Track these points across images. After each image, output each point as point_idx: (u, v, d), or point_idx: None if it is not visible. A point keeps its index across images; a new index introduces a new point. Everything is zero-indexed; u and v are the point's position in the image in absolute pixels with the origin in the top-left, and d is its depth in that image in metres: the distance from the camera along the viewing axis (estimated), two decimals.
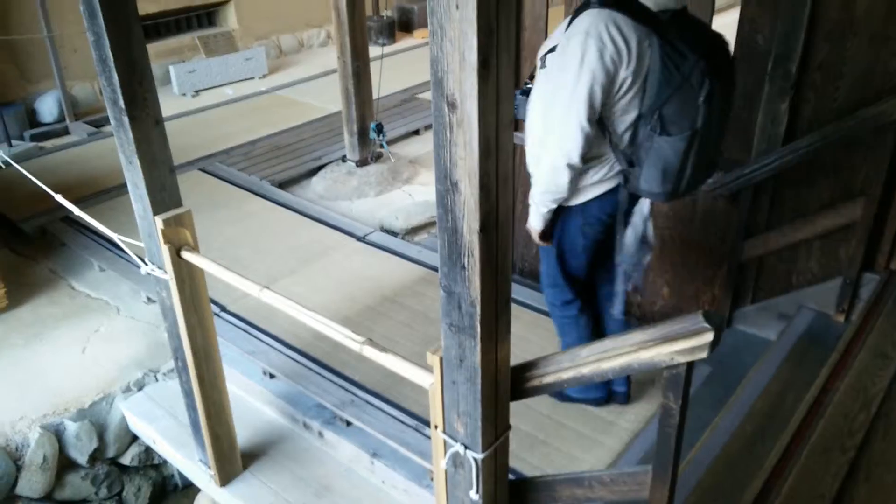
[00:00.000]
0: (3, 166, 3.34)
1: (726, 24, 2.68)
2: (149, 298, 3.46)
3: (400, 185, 4.63)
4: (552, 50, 2.02)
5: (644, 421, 2.55)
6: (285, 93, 6.41)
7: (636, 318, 3.16)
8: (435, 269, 3.51)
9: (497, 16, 1.01)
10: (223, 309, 3.20)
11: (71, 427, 2.79)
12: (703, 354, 1.13)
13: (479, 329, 1.25)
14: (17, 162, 3.17)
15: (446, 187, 1.18)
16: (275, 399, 2.81)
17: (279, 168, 4.79)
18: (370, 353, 1.60)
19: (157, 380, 3.05)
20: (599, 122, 1.98)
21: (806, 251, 2.71)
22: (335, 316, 1.80)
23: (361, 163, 4.65)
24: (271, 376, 2.87)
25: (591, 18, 1.89)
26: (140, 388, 3.00)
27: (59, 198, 2.71)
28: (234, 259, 3.55)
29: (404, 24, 8.24)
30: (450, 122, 1.11)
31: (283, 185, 4.62)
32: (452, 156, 1.13)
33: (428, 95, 6.04)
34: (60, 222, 4.09)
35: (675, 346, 1.15)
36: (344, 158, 4.73)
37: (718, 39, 1.99)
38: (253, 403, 2.88)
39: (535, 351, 2.63)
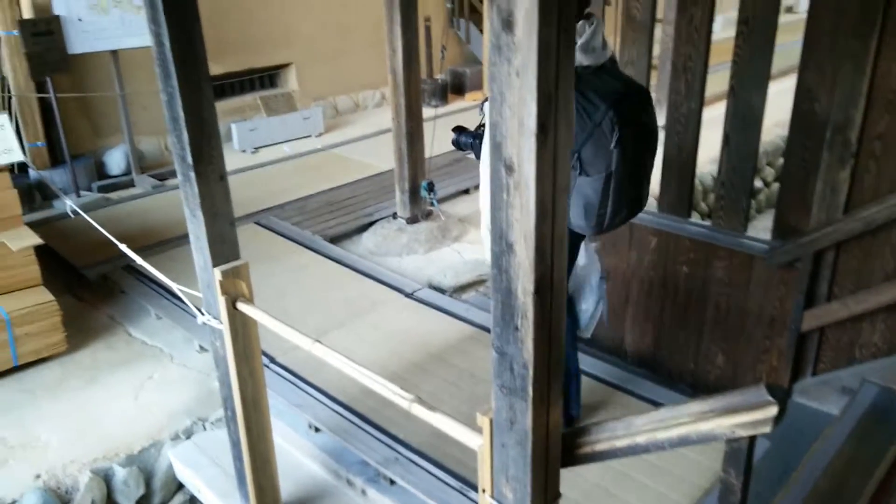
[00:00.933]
0: (72, 215, 3.50)
1: (783, 90, 2.67)
2: (201, 347, 3.53)
3: (449, 243, 4.67)
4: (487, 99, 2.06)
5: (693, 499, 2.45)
6: (340, 151, 6.60)
7: (688, 385, 3.08)
8: (483, 328, 3.50)
9: (556, 83, 1.04)
10: (272, 360, 3.23)
11: (120, 472, 2.83)
12: (767, 429, 1.10)
13: (531, 392, 1.24)
14: (84, 211, 3.33)
15: (501, 248, 1.19)
16: (319, 453, 2.80)
17: (332, 223, 4.89)
18: (419, 411, 1.60)
19: (205, 428, 3.08)
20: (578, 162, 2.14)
21: (870, 323, 2.61)
22: (382, 371, 1.80)
23: (412, 220, 4.71)
24: (317, 430, 2.87)
25: None
26: (188, 437, 3.03)
27: (122, 247, 2.83)
28: (284, 310, 3.61)
29: (457, 86, 8.46)
30: (507, 184, 1.13)
31: (334, 240, 4.71)
32: (508, 217, 1.15)
33: None
34: (121, 270, 4.24)
35: (737, 418, 1.12)
36: (395, 215, 4.81)
37: (633, 89, 2.17)
38: (297, 456, 2.88)
39: None
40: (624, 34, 2.92)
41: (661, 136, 3.04)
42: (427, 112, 4.80)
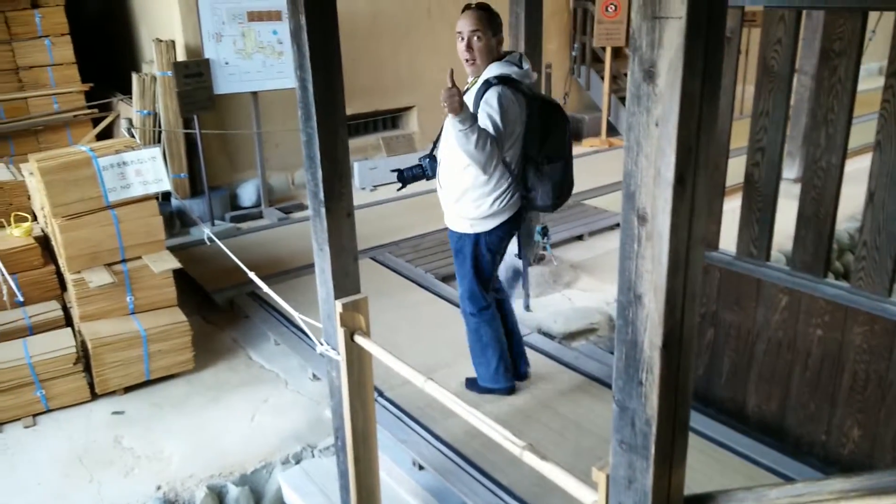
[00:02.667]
0: (208, 242, 3.76)
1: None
2: (314, 375, 3.65)
3: (560, 289, 4.61)
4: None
5: None
6: None
7: (818, 458, 2.84)
8: (593, 377, 3.41)
9: (698, 134, 1.02)
10: (380, 394, 3.29)
11: (233, 491, 2.95)
12: None
13: (653, 450, 1.18)
14: (218, 240, 3.57)
15: (629, 299, 1.16)
16: (422, 491, 2.80)
17: (443, 262, 4.96)
18: (530, 459, 1.57)
19: (313, 455, 3.16)
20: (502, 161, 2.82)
21: None
22: (485, 415, 1.79)
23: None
24: (420, 467, 2.88)
25: (496, 90, 2.77)
26: (297, 462, 3.12)
27: (251, 275, 3.00)
28: (393, 345, 3.62)
29: (574, 132, 8.42)
30: (639, 234, 1.11)
31: (445, 279, 4.77)
32: (638, 268, 1.13)
33: (594, 202, 6.07)
34: (247, 296, 4.48)
35: (885, 501, 1.02)
36: None
37: (555, 102, 2.97)
38: (400, 493, 2.89)
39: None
40: (760, 84, 2.82)
41: (797, 189, 2.89)
42: None
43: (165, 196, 5.55)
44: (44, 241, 3.85)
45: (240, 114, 6.19)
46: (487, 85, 2.79)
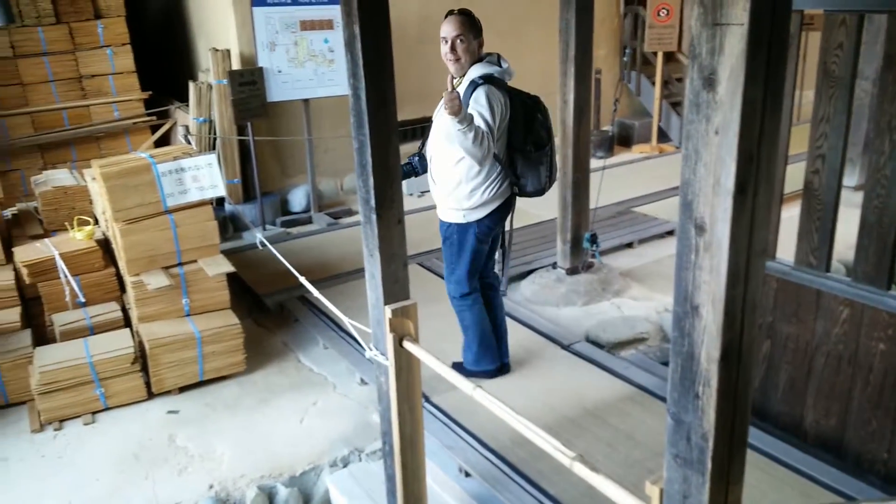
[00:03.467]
0: (260, 247, 3.84)
1: None
2: (362, 380, 3.68)
3: (609, 297, 4.55)
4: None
5: None
6: None
7: (879, 476, 2.73)
8: (643, 388, 3.35)
9: (759, 143, 1.00)
10: (427, 399, 3.30)
11: (282, 492, 3.00)
12: None
13: (709, 465, 1.16)
14: (268, 244, 3.64)
15: (685, 310, 1.14)
16: (468, 498, 2.80)
17: None
18: (580, 470, 1.55)
19: (360, 459, 3.19)
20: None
21: None
22: (533, 423, 1.77)
23: (572, 271, 4.66)
24: (467, 474, 2.88)
25: (483, 89, 3.02)
26: (345, 465, 3.15)
27: (303, 279, 3.05)
28: (440, 351, 3.63)
29: (624, 138, 8.34)
30: (696, 244, 1.09)
31: None
32: (696, 279, 1.10)
33: (644, 209, 5.98)
34: (296, 300, 4.56)
35: None
36: (554, 265, 4.78)
37: (535, 96, 3.27)
38: (446, 499, 2.89)
39: None
40: (820, 90, 2.74)
41: (858, 197, 2.79)
42: (593, 163, 4.77)
43: (219, 201, 5.69)
44: (105, 245, 3.99)
45: (291, 120, 6.31)
46: (474, 85, 3.04)
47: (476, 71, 3.09)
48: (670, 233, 5.52)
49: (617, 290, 4.63)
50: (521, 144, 3.15)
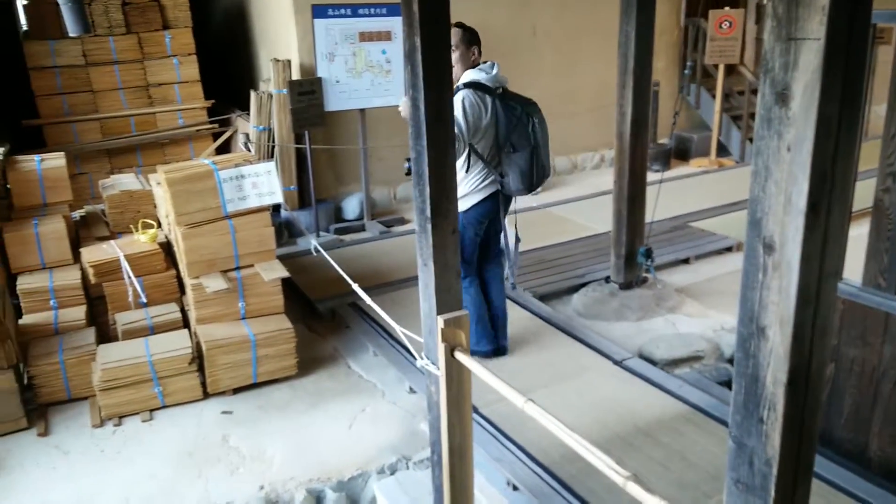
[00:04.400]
0: (314, 253, 3.90)
1: None
2: (411, 388, 3.70)
3: (663, 314, 4.46)
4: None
5: None
6: (555, 210, 6.67)
7: None
8: (698, 408, 3.27)
9: (834, 161, 0.96)
10: (476, 410, 3.28)
11: (330, 496, 3.03)
12: None
13: (773, 492, 1.12)
14: (322, 251, 3.70)
15: (751, 331, 1.11)
16: None
17: (542, 281, 4.92)
18: (634, 490, 1.52)
19: (408, 467, 3.20)
20: (473, 150, 3.45)
21: None
22: (583, 438, 1.74)
23: (625, 285, 4.59)
24: (515, 488, 2.85)
25: (461, 93, 3.41)
26: (392, 473, 3.16)
27: (355, 286, 3.08)
28: (490, 363, 3.67)
29: (681, 152, 8.19)
30: (764, 263, 1.06)
31: (543, 298, 4.72)
32: (763, 299, 1.07)
33: (701, 224, 5.85)
34: (348, 307, 4.61)
35: None
36: (607, 279, 4.72)
37: (531, 101, 3.54)
38: None
39: None
40: (893, 105, 2.63)
41: None
42: (649, 177, 4.69)
43: (275, 207, 5.81)
44: (167, 247, 4.12)
45: (347, 130, 6.41)
46: (457, 89, 3.44)
47: (466, 77, 3.51)
48: (729, 249, 5.38)
49: (672, 306, 4.54)
50: (502, 144, 3.48)
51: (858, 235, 2.97)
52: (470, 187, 3.54)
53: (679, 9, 8.21)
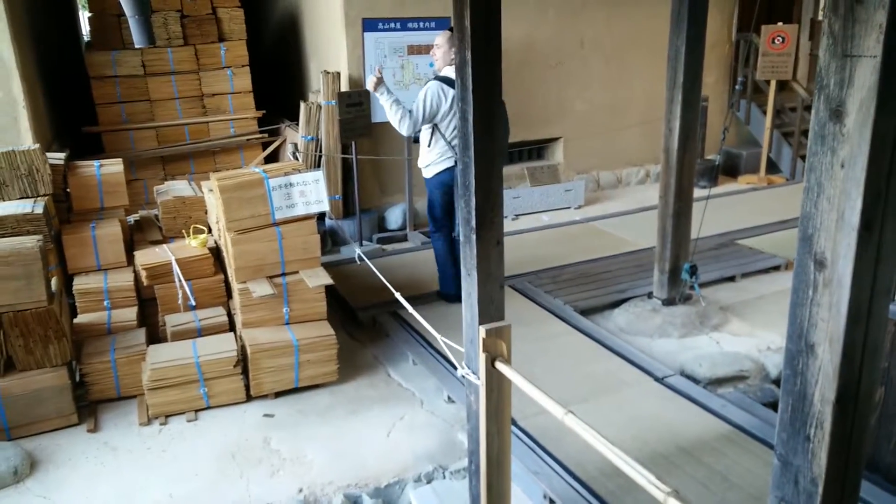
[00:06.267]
0: (358, 261, 3.96)
1: None
2: (449, 398, 3.71)
3: (707, 332, 4.39)
4: None
5: None
6: (598, 224, 6.62)
7: None
8: (741, 428, 3.21)
9: (889, 178, 0.96)
10: (514, 422, 3.28)
11: (367, 502, 3.05)
12: None
13: None
14: (366, 259, 3.75)
15: (799, 348, 1.10)
16: None
17: (584, 295, 4.89)
18: None
19: (444, 477, 3.21)
20: (437, 129, 4.41)
21: None
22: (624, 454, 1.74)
23: (668, 302, 4.53)
24: (551, 502, 2.84)
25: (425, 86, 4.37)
26: (429, 481, 3.18)
27: (398, 295, 3.11)
28: (529, 375, 3.61)
29: (730, 168, 8.06)
30: (815, 280, 1.05)
31: (584, 312, 4.70)
32: (812, 316, 1.06)
33: (748, 242, 5.74)
34: (388, 315, 4.66)
35: None
36: (650, 295, 4.67)
37: None
38: None
39: None
40: None
41: None
42: (696, 192, 4.63)
43: (320, 216, 5.92)
44: (216, 252, 4.23)
45: (392, 141, 6.50)
46: (427, 80, 4.39)
47: (443, 72, 4.44)
48: (776, 268, 5.27)
49: (716, 324, 4.46)
50: (453, 131, 4.31)
51: None
52: (432, 160, 4.46)
53: (731, 23, 8.11)
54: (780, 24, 7.44)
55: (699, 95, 4.20)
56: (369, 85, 4.41)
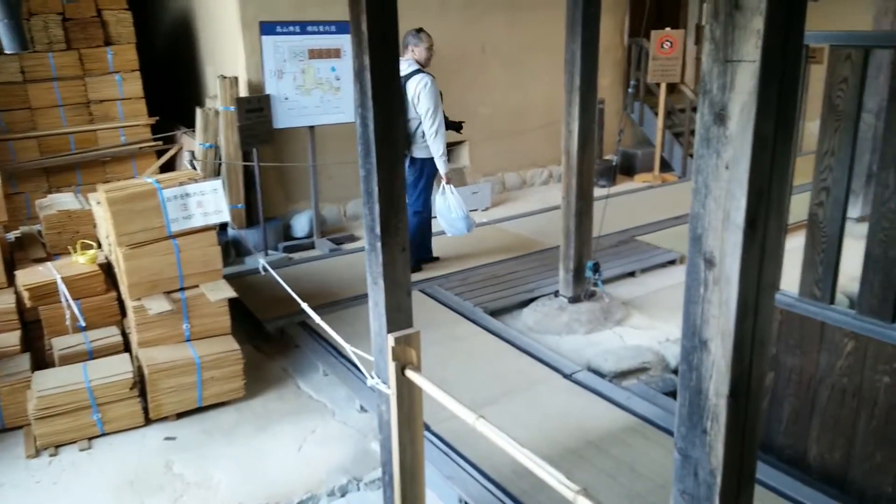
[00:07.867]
0: (262, 272, 3.83)
1: None
2: (362, 407, 3.65)
3: (611, 326, 4.53)
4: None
5: None
6: (505, 226, 6.72)
7: None
8: (645, 419, 3.32)
9: (770, 178, 1.00)
10: (427, 428, 3.26)
11: None
12: None
13: (717, 502, 1.14)
14: (271, 270, 3.64)
15: (694, 344, 1.13)
16: None
17: (493, 296, 4.94)
18: None
19: (358, 489, 3.15)
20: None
21: None
22: (534, 453, 1.75)
23: (574, 299, 4.65)
24: None
25: (423, 75, 4.99)
26: (343, 494, 3.11)
27: (304, 305, 3.03)
28: (441, 379, 3.58)
29: (626, 167, 8.38)
30: (705, 278, 1.08)
31: (494, 313, 4.74)
32: (704, 313, 1.10)
33: (647, 238, 5.98)
34: (297, 326, 4.53)
35: None
36: (556, 293, 4.77)
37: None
38: None
39: None
40: (824, 123, 2.75)
41: (861, 229, 2.80)
42: (596, 192, 4.78)
43: (222, 226, 5.70)
44: (107, 269, 3.99)
45: (296, 147, 6.35)
46: (418, 72, 5.05)
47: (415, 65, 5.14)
48: (672, 262, 5.52)
49: (619, 319, 4.62)
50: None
51: (794, 248, 3.09)
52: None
53: (623, 28, 8.45)
54: (667, 29, 7.81)
55: (595, 98, 4.33)
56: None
